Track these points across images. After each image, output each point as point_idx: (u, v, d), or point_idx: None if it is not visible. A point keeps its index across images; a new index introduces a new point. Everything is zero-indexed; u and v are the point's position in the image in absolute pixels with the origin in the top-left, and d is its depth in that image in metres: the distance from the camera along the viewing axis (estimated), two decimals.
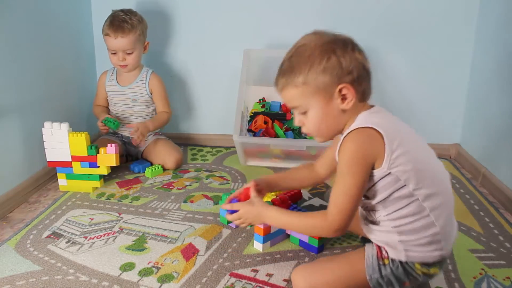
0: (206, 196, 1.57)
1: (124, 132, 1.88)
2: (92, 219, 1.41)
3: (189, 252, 1.22)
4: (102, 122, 1.78)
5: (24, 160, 1.58)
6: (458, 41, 1.90)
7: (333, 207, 0.89)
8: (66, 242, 1.28)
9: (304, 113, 0.94)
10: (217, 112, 2.10)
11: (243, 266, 1.16)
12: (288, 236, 1.29)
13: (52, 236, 1.31)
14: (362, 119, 0.90)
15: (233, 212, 1.07)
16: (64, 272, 1.13)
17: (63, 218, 1.42)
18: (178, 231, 1.33)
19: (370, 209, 0.95)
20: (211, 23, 1.99)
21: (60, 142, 1.56)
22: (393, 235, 0.91)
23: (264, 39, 1.98)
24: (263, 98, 2.03)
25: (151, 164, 1.82)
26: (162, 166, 1.79)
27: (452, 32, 1.89)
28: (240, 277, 1.12)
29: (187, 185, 1.67)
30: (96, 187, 1.62)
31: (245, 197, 1.12)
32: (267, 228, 1.23)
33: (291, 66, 0.93)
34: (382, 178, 0.88)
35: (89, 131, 1.98)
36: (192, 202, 1.53)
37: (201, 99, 2.11)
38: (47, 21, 1.70)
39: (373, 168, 0.88)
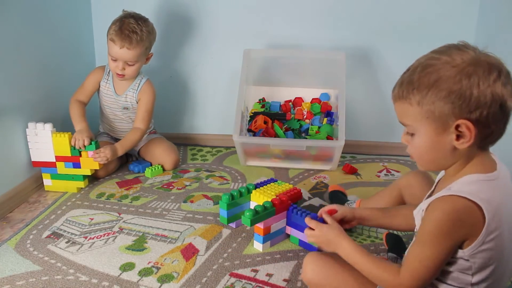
0: (206, 196, 1.57)
1: (119, 135, 1.86)
2: (92, 219, 1.41)
3: (189, 252, 1.22)
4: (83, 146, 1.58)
5: (24, 160, 1.58)
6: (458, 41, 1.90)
7: (406, 271, 0.78)
8: (66, 242, 1.28)
9: (412, 134, 0.80)
10: (217, 112, 2.10)
11: (243, 266, 1.16)
12: (288, 236, 1.30)
13: (52, 236, 1.31)
14: (470, 185, 0.75)
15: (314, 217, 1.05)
16: (64, 272, 1.13)
17: (63, 218, 1.42)
18: (178, 231, 1.33)
19: None
20: (211, 23, 1.99)
21: (44, 142, 1.56)
22: None
23: (264, 39, 1.98)
24: (263, 98, 2.03)
25: (151, 164, 1.82)
26: (162, 166, 1.79)
27: (452, 32, 1.89)
28: (240, 277, 1.12)
29: (187, 185, 1.66)
30: (81, 187, 1.62)
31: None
32: (267, 228, 1.23)
33: (411, 78, 0.77)
34: (457, 258, 0.77)
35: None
36: (192, 202, 1.53)
37: (201, 99, 2.11)
38: (46, 21, 1.70)
39: (461, 245, 0.75)
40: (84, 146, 1.57)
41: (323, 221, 1.03)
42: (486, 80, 0.71)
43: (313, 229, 1.01)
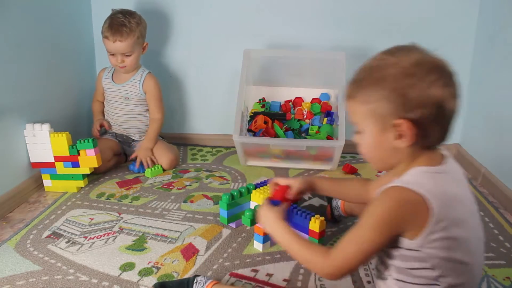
0: (206, 196, 1.57)
1: (119, 131, 1.89)
2: (92, 219, 1.41)
3: (189, 252, 1.22)
4: (97, 131, 1.88)
5: (24, 160, 1.58)
6: (458, 42, 1.90)
7: (339, 252, 0.78)
8: (66, 242, 1.28)
9: (361, 133, 0.83)
10: (217, 112, 2.10)
11: (243, 266, 1.16)
12: None
13: (52, 236, 1.31)
14: (417, 177, 0.76)
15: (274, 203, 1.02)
16: (64, 272, 1.13)
17: (63, 218, 1.42)
18: (178, 231, 1.33)
19: (384, 263, 0.83)
20: (211, 23, 1.99)
21: (42, 143, 1.57)
22: None
23: (264, 39, 1.98)
24: (263, 98, 2.03)
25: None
26: (162, 166, 1.80)
27: (452, 32, 1.89)
28: (240, 277, 1.12)
29: (187, 185, 1.66)
30: (81, 187, 1.63)
31: (281, 195, 1.04)
32: None
33: (360, 77, 0.80)
34: (409, 249, 0.77)
35: (89, 130, 2.00)
36: (192, 202, 1.53)
37: (201, 99, 2.11)
38: (46, 21, 1.70)
39: (402, 235, 0.76)
40: (99, 132, 1.86)
41: (278, 202, 1.02)
42: (425, 81, 0.73)
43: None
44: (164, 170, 1.81)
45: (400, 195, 0.75)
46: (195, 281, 1.03)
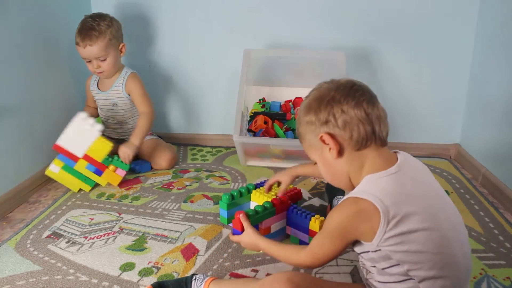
0: (206, 196, 1.57)
1: (115, 135, 1.89)
2: (92, 219, 1.41)
3: (189, 252, 1.23)
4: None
5: (24, 160, 1.58)
6: (458, 41, 1.90)
7: (309, 252, 0.91)
8: (66, 242, 1.28)
9: (316, 163, 0.94)
10: (217, 112, 2.10)
11: (243, 266, 1.16)
12: (288, 236, 1.30)
13: (52, 236, 1.31)
14: (366, 184, 0.84)
15: (236, 232, 1.16)
16: (64, 272, 1.13)
17: (63, 218, 1.42)
18: (178, 231, 1.34)
19: (365, 268, 0.90)
20: (211, 23, 1.99)
21: (85, 137, 1.55)
22: None
23: (264, 39, 1.98)
24: (263, 98, 2.03)
25: (151, 164, 1.82)
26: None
27: (452, 32, 1.89)
28: (240, 277, 1.12)
29: (187, 185, 1.67)
30: (81, 189, 1.61)
31: (240, 225, 1.14)
32: (267, 228, 1.23)
33: (298, 115, 0.94)
34: (373, 251, 0.82)
35: None
36: (192, 202, 1.53)
37: (201, 99, 2.11)
38: (46, 21, 1.70)
39: (359, 239, 0.84)
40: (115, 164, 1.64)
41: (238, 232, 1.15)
42: (328, 101, 0.87)
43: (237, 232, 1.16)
44: (161, 169, 1.81)
45: (351, 207, 0.82)
46: (194, 278, 1.04)
